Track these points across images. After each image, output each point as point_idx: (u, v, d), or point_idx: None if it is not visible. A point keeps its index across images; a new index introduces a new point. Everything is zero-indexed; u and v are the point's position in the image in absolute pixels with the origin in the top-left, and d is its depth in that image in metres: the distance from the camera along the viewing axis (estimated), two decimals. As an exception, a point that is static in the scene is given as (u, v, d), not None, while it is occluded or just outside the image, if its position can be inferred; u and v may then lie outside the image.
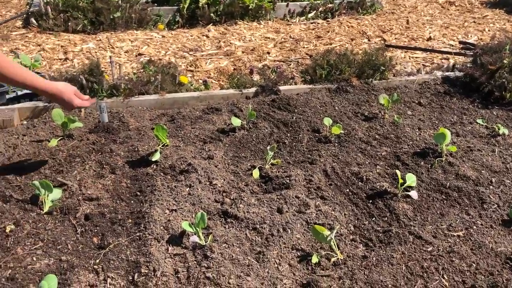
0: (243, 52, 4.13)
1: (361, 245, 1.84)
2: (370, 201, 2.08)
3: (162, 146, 2.42)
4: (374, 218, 1.98)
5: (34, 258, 1.66)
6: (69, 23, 4.41)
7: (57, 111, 2.45)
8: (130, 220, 1.91)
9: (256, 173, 2.21)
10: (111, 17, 4.48)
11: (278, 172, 2.24)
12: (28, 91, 2.86)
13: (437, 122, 2.88)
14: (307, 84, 3.27)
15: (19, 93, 2.84)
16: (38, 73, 3.19)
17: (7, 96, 2.77)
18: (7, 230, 1.78)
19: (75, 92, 2.02)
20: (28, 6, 5.34)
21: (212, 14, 4.85)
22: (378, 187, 2.15)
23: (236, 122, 2.61)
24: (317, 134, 2.64)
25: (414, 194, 2.08)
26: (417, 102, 3.14)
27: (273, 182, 2.15)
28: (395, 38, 4.67)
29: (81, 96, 2.06)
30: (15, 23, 4.80)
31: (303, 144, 2.53)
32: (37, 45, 4.08)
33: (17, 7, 5.48)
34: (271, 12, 5.15)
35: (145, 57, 3.92)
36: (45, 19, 4.50)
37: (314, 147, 2.50)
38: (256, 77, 3.35)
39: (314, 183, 2.15)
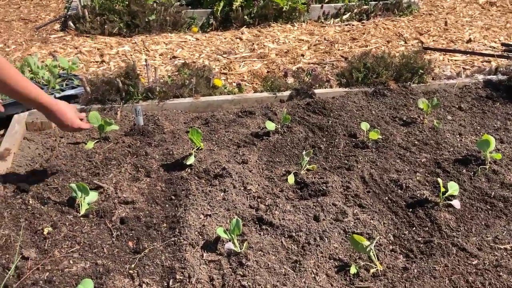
0: (276, 54, 4.09)
1: (402, 256, 1.77)
2: (410, 210, 2.01)
3: (196, 149, 2.41)
4: (414, 228, 1.90)
5: (71, 261, 1.67)
6: (105, 26, 4.48)
7: (94, 113, 2.48)
8: (165, 225, 1.90)
9: (291, 179, 2.17)
10: (146, 20, 4.53)
11: (314, 178, 2.19)
12: (66, 94, 2.91)
13: (479, 127, 2.76)
14: (343, 87, 3.20)
15: (57, 95, 2.89)
16: (75, 75, 3.25)
17: (46, 99, 2.81)
18: (45, 232, 1.79)
19: (76, 113, 2.01)
20: (66, 10, 5.46)
21: (245, 17, 4.83)
22: (418, 195, 2.08)
23: (270, 126, 2.58)
24: (353, 139, 2.57)
25: (456, 203, 1.99)
26: (457, 106, 3.03)
27: (309, 188, 2.11)
28: (433, 40, 4.54)
29: (81, 117, 2.05)
30: (54, 26, 4.92)
31: (339, 149, 2.47)
32: (74, 48, 4.16)
33: (56, 11, 5.62)
34: (305, 14, 5.10)
35: (179, 60, 3.93)
36: (82, 22, 4.59)
37: (351, 153, 2.44)
38: (290, 80, 3.31)
39: (351, 190, 2.09)
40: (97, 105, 2.81)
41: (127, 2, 4.59)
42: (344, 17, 5.20)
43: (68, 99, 2.93)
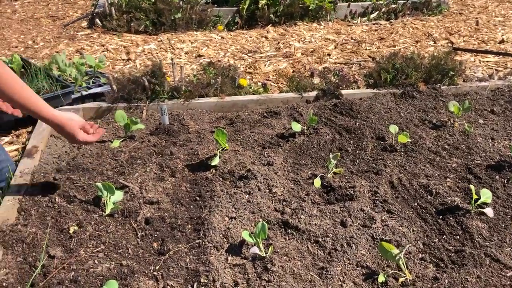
0: (302, 54, 4.05)
1: (431, 265, 1.71)
2: (441, 217, 1.94)
3: (221, 150, 2.39)
4: (445, 236, 1.84)
5: (96, 261, 1.67)
6: (132, 24, 4.50)
7: (120, 112, 2.48)
8: (189, 226, 1.88)
9: (317, 182, 2.13)
10: (172, 18, 4.53)
11: (341, 182, 2.14)
12: (93, 91, 2.93)
13: (512, 132, 2.67)
14: (371, 88, 3.14)
15: (84, 93, 2.91)
16: (102, 73, 3.26)
17: (73, 96, 2.84)
18: (71, 231, 1.80)
19: (82, 125, 1.93)
20: (93, 7, 5.52)
21: (271, 15, 4.80)
22: (449, 202, 2.01)
23: (296, 127, 2.54)
24: (381, 142, 2.51)
25: (489, 211, 1.92)
26: (489, 110, 2.93)
27: (335, 192, 2.06)
28: (464, 41, 4.42)
29: (87, 130, 1.97)
30: (81, 23, 4.97)
31: (367, 152, 2.42)
32: (101, 45, 4.19)
33: (83, 8, 5.68)
34: (332, 13, 5.03)
35: (204, 58, 3.92)
36: (109, 19, 4.62)
37: (379, 156, 2.38)
38: (316, 80, 3.26)
39: (379, 195, 2.04)
40: (123, 104, 2.82)
41: (153, 0, 4.60)
42: (372, 16, 5.11)
43: (95, 97, 2.95)
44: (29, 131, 2.71)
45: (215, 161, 2.24)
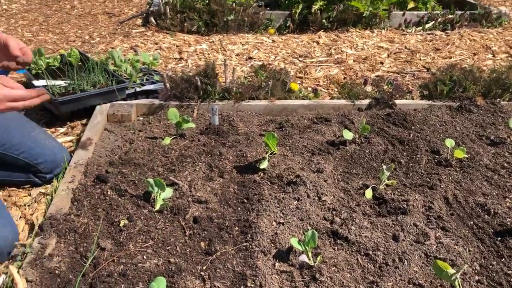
0: (354, 60, 3.98)
1: (489, 289, 1.63)
2: (499, 238, 1.85)
3: (270, 154, 2.37)
4: (504, 259, 1.75)
5: (145, 257, 1.68)
6: (185, 24, 4.57)
7: (173, 110, 2.50)
8: (236, 228, 1.87)
9: (369, 193, 2.07)
10: (225, 19, 4.56)
11: (394, 194, 2.08)
12: (146, 88, 2.98)
13: None
14: (426, 99, 3.04)
15: (138, 89, 2.96)
16: (155, 71, 3.32)
17: (127, 92, 2.89)
18: (121, 225, 1.82)
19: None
20: (148, 6, 5.64)
21: (323, 20, 4.75)
22: (508, 223, 1.91)
23: (347, 135, 2.49)
24: (436, 156, 2.42)
25: (553, 237, 1.81)
26: (553, 129, 2.78)
27: (387, 205, 2.00)
28: (525, 55, 4.22)
29: (11, 86, 1.73)
30: (136, 21, 5.09)
31: (421, 165, 2.34)
32: (154, 44, 4.27)
33: (138, 6, 5.82)
34: (385, 21, 4.93)
35: (255, 61, 3.92)
36: (163, 18, 4.70)
37: (433, 170, 2.29)
38: (368, 88, 3.19)
39: (434, 211, 1.96)
40: (175, 102, 2.85)
41: (207, 1, 4.66)
42: (427, 26, 4.97)
43: (147, 93, 3.00)
44: (83, 123, 2.78)
45: (264, 165, 2.23)
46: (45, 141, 2.15)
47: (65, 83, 2.84)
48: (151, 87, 3.01)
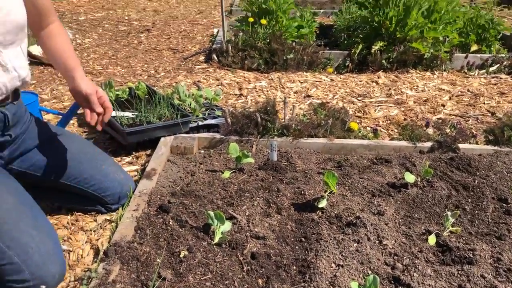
0: (415, 102, 3.92)
1: None
2: None
3: (329, 193, 2.35)
4: None
5: (203, 289, 1.69)
6: (246, 61, 4.70)
7: (234, 145, 2.56)
8: (294, 267, 1.85)
9: (432, 240, 2.00)
10: (284, 58, 4.66)
11: (458, 242, 1.99)
12: (208, 123, 3.07)
13: None
14: (491, 145, 2.93)
15: (200, 123, 3.05)
16: (217, 106, 3.42)
17: (189, 125, 2.99)
18: (181, 255, 1.85)
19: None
20: (210, 43, 5.87)
21: (383, 61, 4.74)
22: None
23: (409, 178, 2.43)
24: (504, 205, 2.31)
25: None
26: None
27: (452, 253, 1.92)
28: None
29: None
30: (198, 57, 5.30)
31: (487, 213, 2.24)
32: (216, 79, 4.41)
33: (201, 43, 6.06)
34: (447, 63, 4.85)
35: (313, 99, 3.96)
36: (225, 56, 4.87)
37: (501, 219, 2.19)
38: (430, 131, 3.12)
39: (503, 263, 1.86)
40: (235, 137, 2.91)
41: (268, 40, 4.78)
42: (491, 69, 4.84)
43: (209, 127, 3.09)
44: (148, 153, 2.89)
45: (322, 204, 2.21)
46: (114, 175, 2.24)
47: (132, 114, 2.99)
48: (213, 121, 3.10)
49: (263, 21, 5.03)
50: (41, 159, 2.09)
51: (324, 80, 4.49)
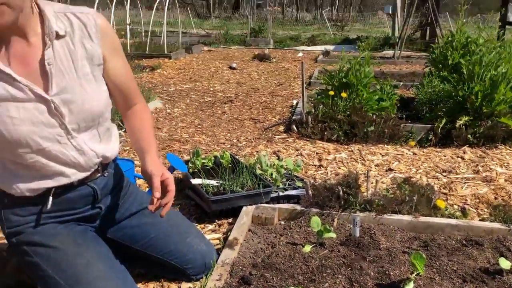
0: (506, 180, 3.71)
1: None
2: None
3: (415, 275, 2.24)
4: None
5: None
6: (325, 133, 4.76)
7: (316, 219, 2.55)
8: None
9: (535, 336, 1.82)
10: (365, 130, 4.67)
11: None
12: (288, 193, 3.10)
13: None
14: None
15: (280, 194, 3.10)
16: (297, 176, 3.46)
17: (271, 195, 3.04)
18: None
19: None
20: (290, 114, 6.04)
21: (469, 136, 4.58)
22: None
23: (504, 264, 2.26)
24: None
25: None
26: None
27: None
28: None
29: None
30: (278, 128, 5.45)
31: None
32: (295, 150, 4.49)
33: (280, 114, 6.25)
34: (541, 139, 4.58)
35: (395, 172, 3.88)
36: (304, 127, 4.97)
37: None
38: (526, 213, 2.92)
39: None
40: (316, 209, 2.91)
41: (348, 113, 4.84)
42: None
43: (289, 198, 3.12)
44: (230, 222, 2.96)
45: (409, 286, 2.11)
46: (197, 246, 2.26)
47: (217, 182, 3.10)
48: (293, 192, 3.12)
49: (343, 94, 5.13)
50: (132, 229, 2.17)
51: (406, 153, 4.41)
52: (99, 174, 1.96)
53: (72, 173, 1.80)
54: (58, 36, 1.66)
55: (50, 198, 1.79)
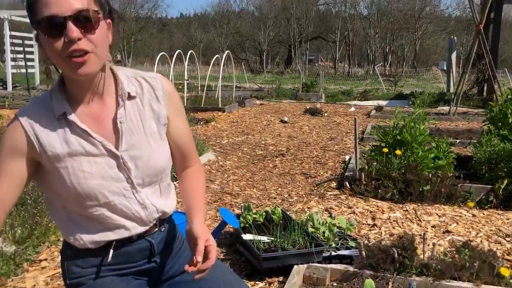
0: None
1: None
2: None
3: None
4: None
5: None
6: (379, 190, 4.67)
7: (370, 282, 2.48)
8: None
9: None
10: (420, 189, 4.54)
11: None
12: (341, 253, 3.03)
13: None
14: None
15: (333, 253, 3.03)
16: (349, 235, 3.39)
17: (323, 255, 2.98)
18: None
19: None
20: (342, 170, 5.98)
21: (534, 198, 4.35)
22: None
23: None
24: None
25: None
26: None
27: None
28: None
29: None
30: (330, 184, 5.40)
31: None
32: (348, 207, 4.42)
33: (332, 169, 6.21)
34: None
35: (453, 235, 3.72)
36: (357, 184, 4.90)
37: None
38: None
39: None
40: (369, 271, 2.81)
41: (403, 171, 4.74)
42: None
43: (342, 258, 3.05)
44: (280, 280, 2.92)
45: None
46: None
47: (268, 239, 3.09)
48: (346, 252, 3.05)
49: (398, 152, 5.04)
50: (186, 285, 2.18)
51: (465, 215, 4.23)
52: (157, 229, 2.01)
53: (133, 226, 1.85)
54: (129, 97, 1.78)
55: (111, 251, 1.84)
